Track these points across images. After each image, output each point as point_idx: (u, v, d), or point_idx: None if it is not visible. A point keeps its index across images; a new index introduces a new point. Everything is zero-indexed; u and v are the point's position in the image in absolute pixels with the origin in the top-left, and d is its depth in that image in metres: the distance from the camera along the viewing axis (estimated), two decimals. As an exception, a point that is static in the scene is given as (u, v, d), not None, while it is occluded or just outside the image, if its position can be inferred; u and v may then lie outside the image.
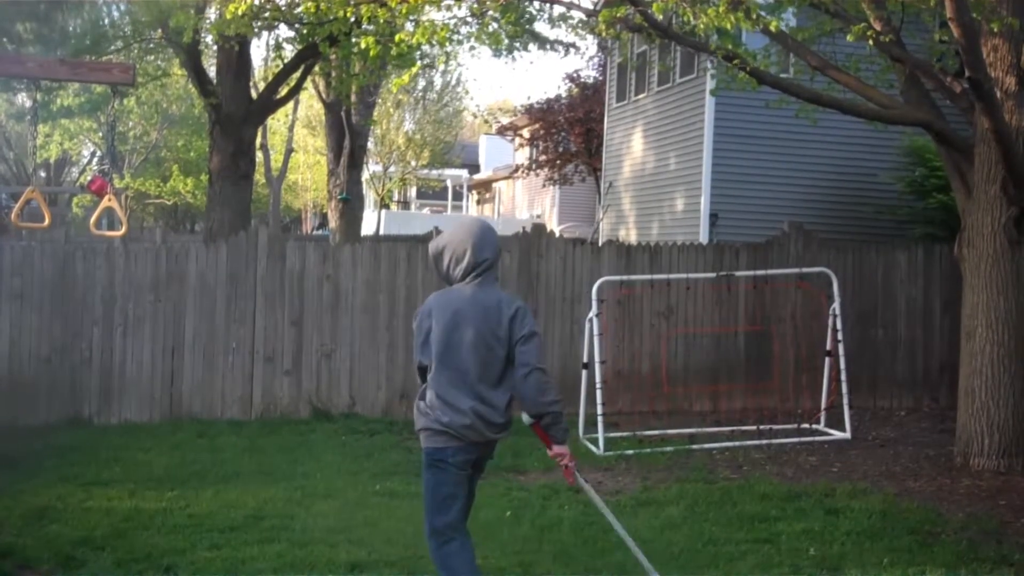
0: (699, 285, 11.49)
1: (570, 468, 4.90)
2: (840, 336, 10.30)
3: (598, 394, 9.55)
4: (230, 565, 5.98)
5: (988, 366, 8.59)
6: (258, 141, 24.89)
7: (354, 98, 17.88)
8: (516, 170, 32.81)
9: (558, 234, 15.71)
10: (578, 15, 11.41)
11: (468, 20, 10.24)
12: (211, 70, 17.10)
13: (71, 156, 37.29)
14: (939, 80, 9.12)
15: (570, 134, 26.74)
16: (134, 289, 10.69)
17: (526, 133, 30.80)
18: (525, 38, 14.30)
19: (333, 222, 20.29)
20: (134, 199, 37.70)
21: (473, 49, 35.68)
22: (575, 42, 27.13)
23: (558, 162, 27.58)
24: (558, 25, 12.45)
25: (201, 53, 16.31)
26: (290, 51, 15.74)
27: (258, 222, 15.34)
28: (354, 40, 11.50)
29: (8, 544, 6.33)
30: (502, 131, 34.44)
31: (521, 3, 11.00)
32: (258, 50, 52.50)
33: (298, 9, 12.63)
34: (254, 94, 16.56)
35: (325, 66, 15.89)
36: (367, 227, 30.35)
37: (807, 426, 10.45)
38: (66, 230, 15.53)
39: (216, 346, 10.80)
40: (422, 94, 38.73)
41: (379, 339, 11.13)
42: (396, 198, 48.01)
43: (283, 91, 15.97)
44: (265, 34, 20.10)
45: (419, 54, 13.63)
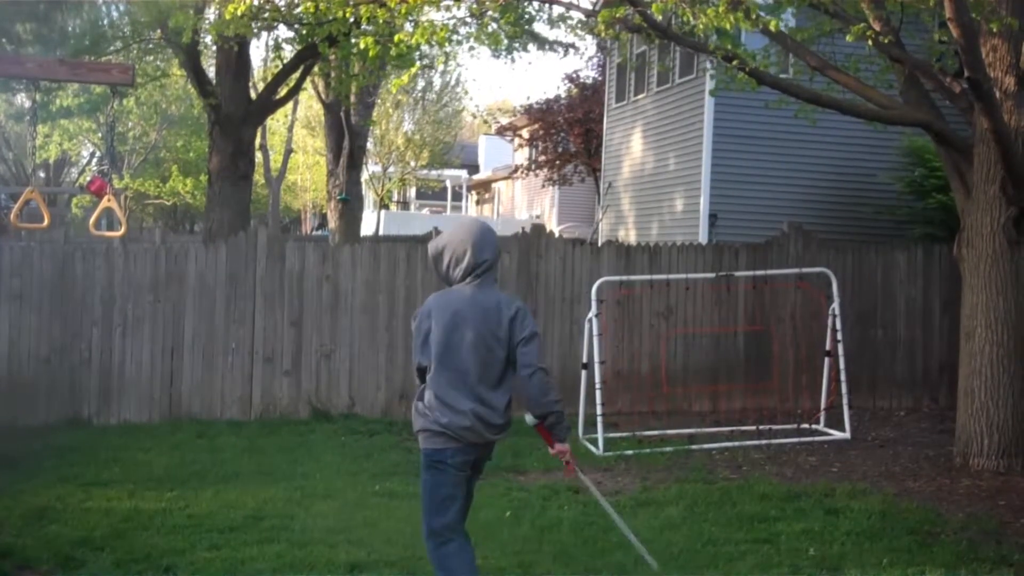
0: (698, 285, 11.48)
1: (571, 463, 5.08)
2: (839, 336, 10.30)
3: (597, 394, 9.55)
4: (230, 565, 5.99)
5: (987, 366, 8.59)
6: (257, 142, 24.88)
7: (353, 98, 17.87)
8: (515, 170, 32.82)
9: (557, 234, 15.70)
10: (577, 15, 11.40)
11: (467, 20, 10.23)
12: (210, 71, 17.10)
13: (70, 157, 37.29)
14: (938, 80, 9.12)
15: (569, 134, 26.73)
16: (133, 289, 10.69)
17: (525, 133, 30.79)
18: (524, 38, 14.29)
19: (332, 222, 20.28)
20: (133, 200, 37.71)
21: (472, 49, 35.78)
22: (574, 43, 27.01)
23: (557, 162, 27.58)
24: (557, 26, 12.46)
25: (200, 53, 16.31)
26: (289, 51, 15.73)
27: (257, 222, 15.34)
28: (353, 40, 11.49)
29: (8, 544, 6.33)
30: (501, 131, 34.44)
31: (520, 3, 11.00)
32: (257, 50, 52.69)
33: (297, 9, 12.64)
34: (253, 94, 16.55)
35: (324, 66, 15.88)
36: (366, 227, 30.37)
37: (807, 426, 10.45)
38: (65, 231, 15.55)
39: (215, 346, 10.80)
40: (421, 94, 38.77)
41: (378, 339, 11.13)
42: (395, 198, 48.04)
43: (282, 91, 15.97)
44: (264, 34, 20.10)
45: (418, 54, 13.62)
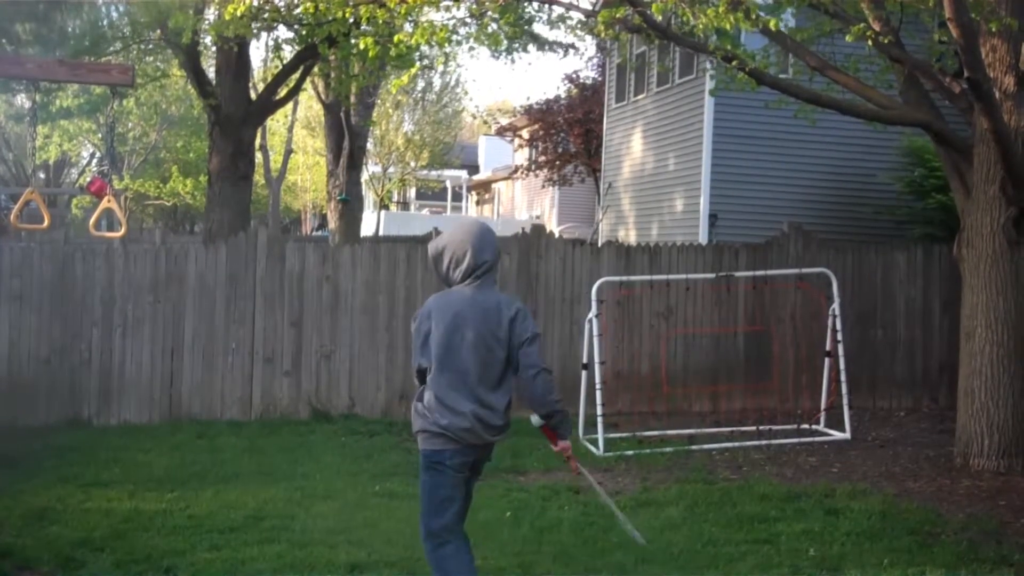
0: (699, 286, 11.48)
1: (574, 459, 5.28)
2: (839, 336, 10.30)
3: (598, 395, 9.55)
4: (230, 566, 5.99)
5: (987, 366, 8.59)
6: (257, 142, 24.86)
7: (353, 99, 17.87)
8: (515, 171, 32.82)
9: (557, 235, 15.69)
10: (577, 16, 11.39)
11: (467, 21, 10.23)
12: (210, 71, 17.09)
13: (70, 157, 37.30)
14: (938, 80, 9.12)
15: (569, 135, 26.72)
16: (133, 290, 10.69)
17: (525, 134, 30.79)
18: (524, 39, 14.28)
19: (332, 223, 20.29)
20: (133, 200, 37.70)
21: (472, 50, 35.83)
22: (574, 43, 27.01)
23: (557, 163, 27.57)
24: (557, 26, 12.45)
25: (200, 54, 16.31)
26: (289, 52, 15.72)
27: (257, 223, 15.31)
28: (353, 41, 11.49)
29: (7, 545, 6.32)
30: (501, 132, 34.44)
31: (520, 4, 10.99)
32: (257, 51, 52.68)
33: (297, 10, 12.63)
34: (253, 95, 16.55)
35: (324, 67, 15.88)
36: (366, 228, 30.37)
37: (807, 426, 10.45)
38: (65, 231, 15.56)
39: (215, 347, 10.80)
40: (421, 95, 38.76)
41: (378, 340, 11.13)
42: (395, 199, 48.04)
43: (282, 92, 15.97)
44: (264, 35, 20.05)
45: (418, 55, 13.63)
